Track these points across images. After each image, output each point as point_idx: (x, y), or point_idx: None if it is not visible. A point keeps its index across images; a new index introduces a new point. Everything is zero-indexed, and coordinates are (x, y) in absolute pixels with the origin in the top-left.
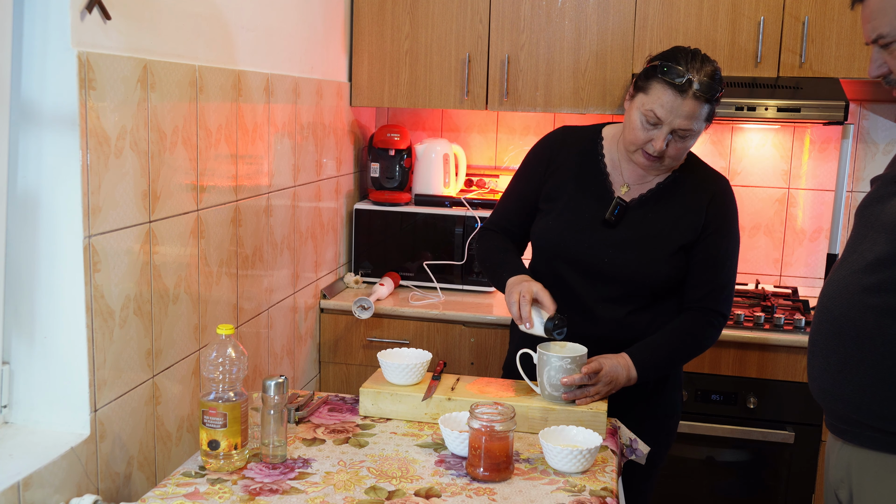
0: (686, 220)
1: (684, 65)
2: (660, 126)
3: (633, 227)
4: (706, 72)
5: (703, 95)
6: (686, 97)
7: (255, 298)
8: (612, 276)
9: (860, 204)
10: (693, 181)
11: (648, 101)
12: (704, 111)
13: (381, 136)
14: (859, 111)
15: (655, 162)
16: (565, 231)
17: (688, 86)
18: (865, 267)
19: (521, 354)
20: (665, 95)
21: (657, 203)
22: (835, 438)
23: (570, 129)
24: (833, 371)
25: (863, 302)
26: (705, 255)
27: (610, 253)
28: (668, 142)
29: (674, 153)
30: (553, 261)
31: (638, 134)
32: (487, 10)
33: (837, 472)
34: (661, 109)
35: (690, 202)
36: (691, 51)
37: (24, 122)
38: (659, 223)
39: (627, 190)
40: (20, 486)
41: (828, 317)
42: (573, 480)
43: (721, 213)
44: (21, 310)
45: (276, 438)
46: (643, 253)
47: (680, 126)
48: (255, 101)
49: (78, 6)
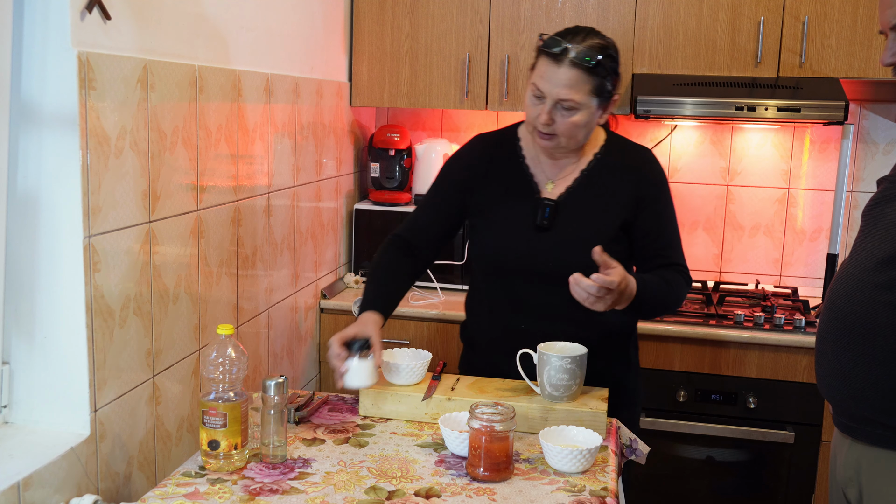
0: (619, 200)
1: (566, 37)
2: (544, 99)
3: (569, 223)
4: (588, 43)
5: (580, 63)
6: (562, 65)
7: (255, 298)
8: (562, 276)
9: (867, 204)
10: (616, 159)
11: (534, 75)
12: (587, 82)
13: (381, 136)
14: (859, 111)
15: (549, 140)
16: (502, 243)
17: (564, 54)
18: (877, 265)
19: (521, 354)
20: (544, 66)
21: (586, 190)
22: (843, 436)
23: (486, 136)
24: (844, 368)
25: (874, 299)
26: (650, 227)
27: (553, 255)
28: (555, 115)
29: (563, 129)
30: (499, 274)
31: (529, 110)
32: (487, 10)
33: (846, 471)
34: (541, 80)
35: (619, 181)
36: (582, 27)
37: (24, 122)
38: (592, 210)
39: (553, 185)
40: (20, 486)
41: (838, 314)
42: (573, 480)
43: (652, 185)
44: (21, 310)
45: (276, 438)
46: (583, 247)
47: (560, 96)
48: (255, 102)
49: (78, 6)
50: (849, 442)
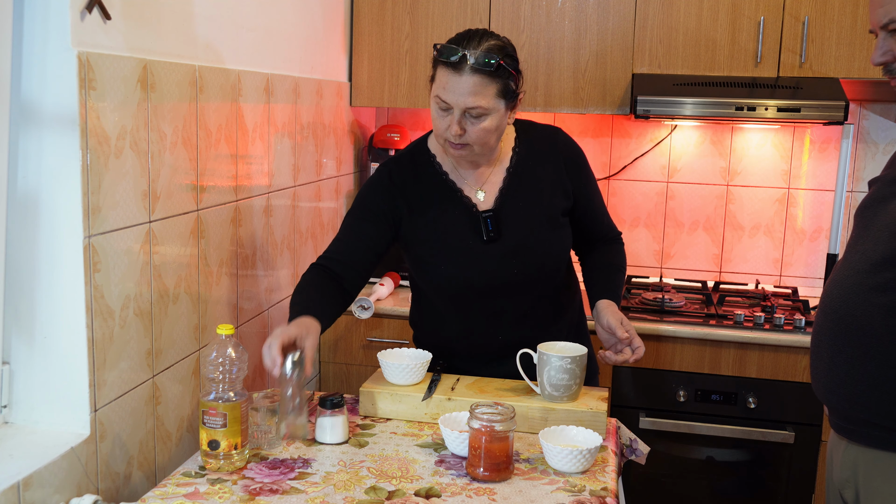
0: (554, 190)
1: (461, 43)
2: (451, 110)
3: (515, 227)
4: (486, 47)
5: (481, 68)
6: (463, 73)
7: (255, 298)
8: (526, 281)
9: (860, 206)
10: (536, 148)
11: (435, 87)
12: (491, 86)
13: (381, 136)
14: (859, 111)
15: (462, 150)
16: (456, 266)
17: (463, 61)
18: (871, 267)
19: (522, 354)
20: (445, 77)
21: (518, 189)
22: (839, 438)
23: (396, 161)
24: (839, 370)
25: (869, 301)
26: (586, 207)
27: (512, 263)
28: (465, 125)
29: (475, 137)
30: (460, 297)
31: (437, 123)
32: (487, 10)
33: (843, 473)
34: (445, 91)
35: (547, 171)
36: (476, 30)
37: (24, 122)
38: (532, 207)
39: (483, 193)
40: (20, 486)
41: (832, 317)
42: (573, 480)
43: (580, 167)
44: (21, 310)
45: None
46: (538, 243)
47: (467, 105)
48: (255, 102)
49: (78, 6)
50: (845, 444)
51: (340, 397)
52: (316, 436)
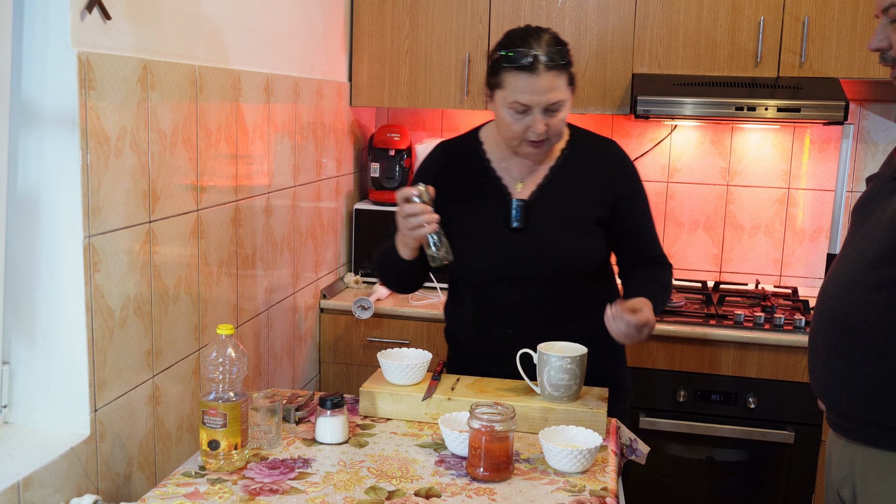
0: (592, 196)
1: (524, 44)
2: (530, 111)
3: (543, 221)
4: (546, 41)
5: (555, 64)
6: (539, 73)
7: (255, 298)
8: (542, 276)
9: (857, 202)
10: (585, 154)
11: (508, 93)
12: (563, 78)
13: (381, 136)
14: (859, 111)
15: (542, 146)
16: (478, 248)
17: (536, 62)
18: (867, 264)
19: (522, 354)
20: (520, 81)
21: (557, 188)
22: (837, 437)
23: (448, 143)
24: (836, 368)
25: (865, 298)
26: (630, 224)
27: (532, 256)
28: (547, 121)
29: (554, 130)
30: (479, 284)
31: (514, 127)
32: (487, 10)
33: (840, 471)
34: (524, 95)
35: (591, 177)
36: (523, 28)
37: (24, 122)
38: (566, 208)
39: (522, 186)
40: (20, 486)
41: (829, 314)
42: (573, 480)
43: (626, 180)
44: (21, 310)
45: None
46: (562, 243)
47: (548, 102)
48: (255, 101)
49: (78, 6)
50: (843, 442)
51: (340, 397)
52: (316, 436)
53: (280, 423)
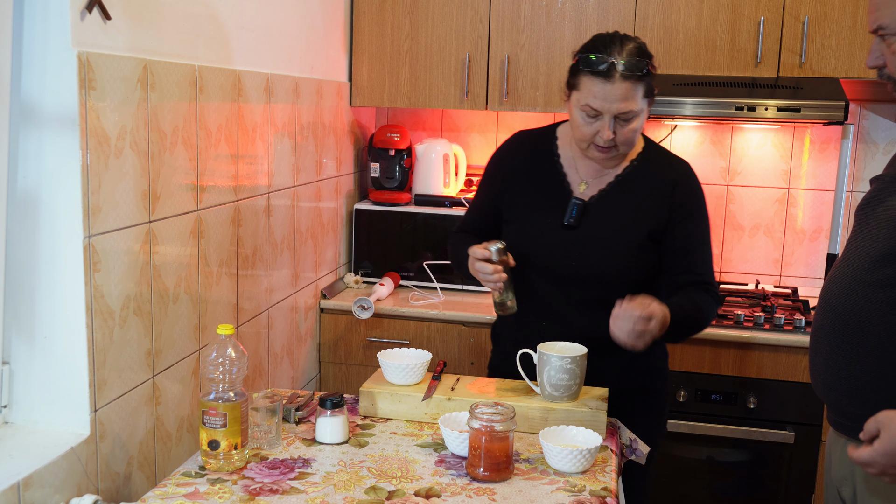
0: (649, 210)
1: (605, 50)
2: (601, 117)
3: (596, 225)
4: (628, 50)
5: (632, 74)
6: (614, 81)
7: (255, 298)
8: (583, 277)
9: (860, 203)
10: (653, 169)
11: (582, 96)
12: (639, 89)
13: (381, 136)
14: (859, 111)
15: (609, 152)
16: (528, 239)
17: (612, 69)
18: (870, 263)
19: (522, 354)
20: (594, 85)
21: (618, 195)
22: (838, 435)
23: (526, 133)
24: (838, 367)
25: (868, 297)
26: (681, 244)
27: (576, 255)
28: (615, 128)
29: (624, 138)
30: (522, 269)
31: (584, 130)
32: (487, 10)
33: (841, 470)
34: (595, 100)
35: (653, 190)
36: (609, 35)
37: (24, 122)
38: (621, 216)
39: (586, 187)
40: (20, 486)
41: (832, 313)
42: (573, 480)
43: (687, 198)
44: (21, 310)
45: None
46: (609, 248)
47: (619, 110)
48: (255, 101)
49: (78, 6)
50: (843, 440)
51: (340, 397)
52: (316, 436)
53: (280, 423)
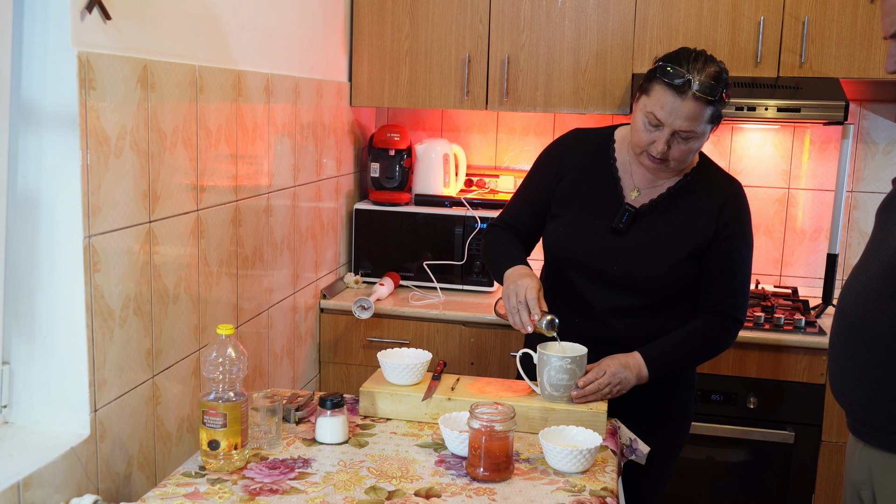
0: (697, 226)
1: (685, 65)
2: (661, 128)
3: (643, 234)
4: (708, 73)
5: (704, 96)
6: (685, 98)
7: (255, 298)
8: (622, 283)
9: (880, 205)
10: (705, 185)
11: (650, 102)
12: (707, 113)
13: (381, 136)
14: (859, 111)
15: (660, 164)
16: (574, 238)
17: (687, 87)
18: (882, 273)
19: (522, 354)
20: (665, 97)
21: (668, 208)
22: (856, 440)
23: (583, 131)
24: (851, 375)
25: (880, 308)
26: (720, 262)
27: (619, 260)
28: (671, 143)
29: (678, 155)
30: (563, 266)
31: (641, 136)
32: (487, 10)
33: (860, 474)
34: (661, 111)
35: (702, 207)
36: (696, 52)
37: (24, 122)
38: (669, 229)
39: (638, 194)
40: (20, 486)
41: (845, 321)
42: (573, 480)
43: (734, 218)
44: (21, 310)
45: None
46: (653, 260)
47: (681, 127)
48: (255, 101)
49: (78, 6)
50: (861, 446)
51: (340, 397)
52: (316, 436)
53: (280, 423)
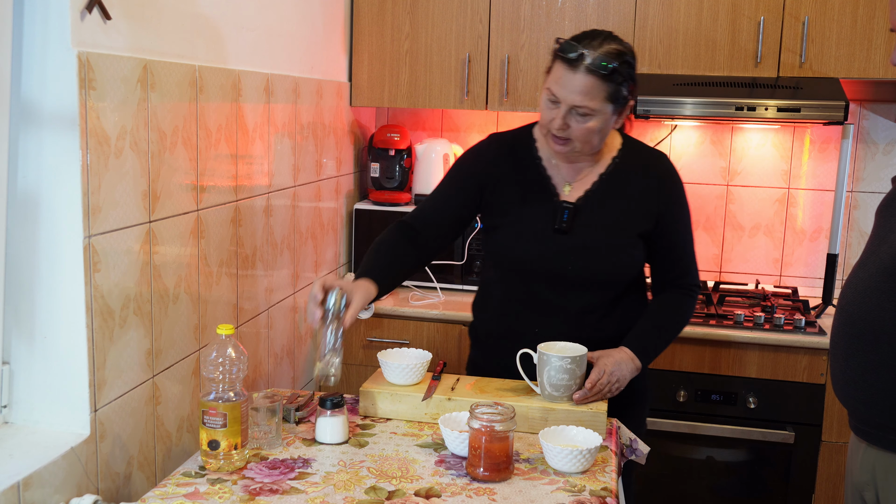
0: (639, 208)
1: (583, 42)
2: (559, 104)
3: (588, 227)
4: (605, 49)
5: (596, 70)
6: (577, 72)
7: (255, 298)
8: (579, 281)
9: (880, 203)
10: (635, 165)
11: (549, 79)
12: (602, 89)
13: (381, 136)
14: (859, 111)
15: (564, 145)
16: (521, 245)
17: (580, 60)
18: (883, 271)
19: (522, 354)
20: (559, 71)
21: (605, 196)
22: (858, 440)
23: (502, 136)
24: (853, 375)
25: (881, 306)
26: (670, 239)
27: (571, 259)
28: (570, 121)
29: (578, 134)
30: (515, 276)
31: (544, 114)
32: (487, 10)
33: (862, 475)
34: (556, 85)
35: (639, 188)
36: (598, 31)
37: (24, 122)
38: (611, 217)
39: (570, 188)
40: (20, 486)
41: (847, 319)
42: (573, 480)
43: (672, 195)
44: (21, 310)
45: (329, 357)
46: (604, 251)
47: (575, 103)
48: (255, 102)
49: (78, 6)
50: (864, 446)
51: (340, 397)
52: (316, 436)
53: (280, 423)
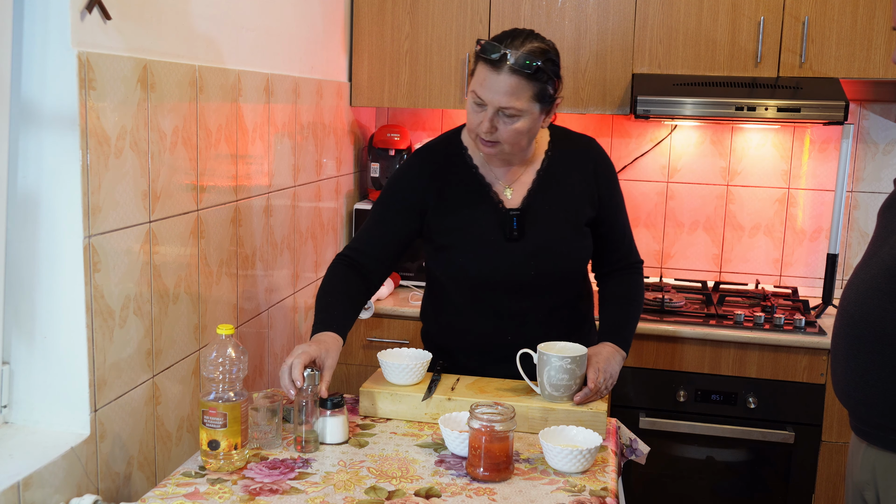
0: (581, 197)
1: (504, 42)
2: (485, 107)
3: (539, 228)
4: (528, 48)
5: (520, 69)
6: (501, 72)
7: (255, 298)
8: (542, 282)
9: (882, 204)
10: (568, 155)
11: (473, 82)
12: (528, 89)
13: (381, 136)
14: (859, 111)
15: (493, 147)
16: (476, 262)
17: (503, 60)
18: (885, 272)
19: (522, 354)
20: (483, 73)
21: (546, 192)
22: (859, 440)
23: (428, 150)
24: (854, 375)
25: (883, 307)
26: (611, 224)
27: (532, 263)
28: (497, 123)
29: (507, 136)
30: (479, 290)
31: (470, 118)
32: (487, 10)
33: (863, 475)
34: (481, 88)
35: (576, 177)
36: (519, 30)
37: (24, 122)
38: (558, 213)
39: (511, 191)
40: (20, 486)
41: (848, 320)
42: (573, 480)
43: (607, 178)
44: (21, 310)
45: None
46: (559, 249)
47: (502, 104)
48: (255, 102)
49: (78, 6)
50: (864, 446)
51: (340, 397)
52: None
53: (280, 423)
